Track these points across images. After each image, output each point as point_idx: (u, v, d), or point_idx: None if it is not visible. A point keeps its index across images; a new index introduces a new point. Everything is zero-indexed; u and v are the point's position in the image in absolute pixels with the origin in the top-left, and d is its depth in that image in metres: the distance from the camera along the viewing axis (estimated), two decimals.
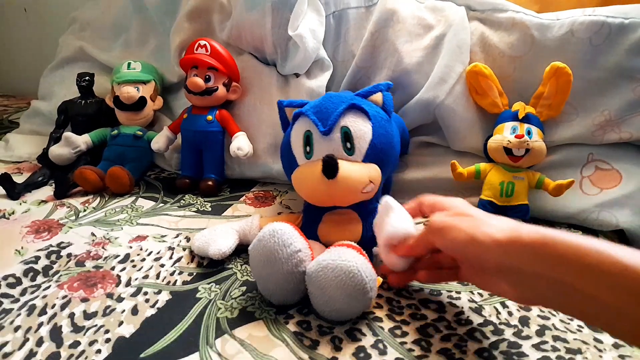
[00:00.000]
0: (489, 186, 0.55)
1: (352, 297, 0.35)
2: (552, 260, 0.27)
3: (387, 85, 0.48)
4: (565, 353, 0.35)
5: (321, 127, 0.43)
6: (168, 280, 0.44)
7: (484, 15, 0.62)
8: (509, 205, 0.53)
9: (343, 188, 0.42)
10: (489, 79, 0.57)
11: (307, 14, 0.65)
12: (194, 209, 0.61)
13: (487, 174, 0.56)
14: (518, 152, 0.53)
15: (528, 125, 0.54)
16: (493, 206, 0.54)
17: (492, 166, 0.56)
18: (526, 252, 0.28)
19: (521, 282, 0.30)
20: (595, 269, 0.25)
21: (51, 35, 0.94)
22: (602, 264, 0.25)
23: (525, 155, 0.53)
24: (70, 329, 0.37)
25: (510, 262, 0.29)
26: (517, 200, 0.53)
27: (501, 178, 0.54)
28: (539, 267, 0.28)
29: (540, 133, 0.55)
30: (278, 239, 0.37)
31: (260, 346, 0.35)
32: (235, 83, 0.68)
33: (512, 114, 0.56)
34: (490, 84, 0.57)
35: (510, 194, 0.53)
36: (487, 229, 0.31)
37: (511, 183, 0.53)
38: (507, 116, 0.56)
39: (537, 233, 0.28)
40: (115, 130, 0.71)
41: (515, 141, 0.53)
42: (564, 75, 0.53)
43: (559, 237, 0.27)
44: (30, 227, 0.54)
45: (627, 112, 0.55)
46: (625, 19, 0.54)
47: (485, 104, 0.59)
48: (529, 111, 0.55)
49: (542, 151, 0.54)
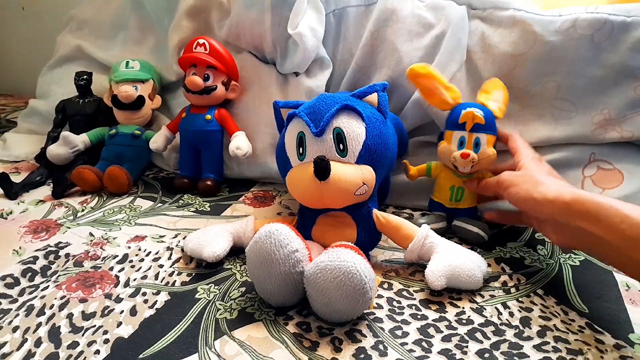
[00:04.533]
0: (439, 188, 0.55)
1: (352, 298, 0.35)
2: (583, 214, 0.36)
3: (383, 86, 0.47)
4: (566, 354, 0.35)
5: (313, 128, 0.43)
6: (167, 280, 0.44)
7: (485, 14, 0.62)
8: (457, 208, 0.54)
9: (335, 190, 0.42)
10: (428, 77, 0.54)
11: (307, 12, 0.65)
12: (192, 209, 0.60)
13: (438, 174, 0.55)
14: (464, 170, 0.52)
15: (477, 134, 0.51)
16: (442, 208, 0.55)
17: (443, 168, 0.55)
18: (565, 208, 0.37)
19: (562, 230, 0.39)
20: (615, 222, 0.33)
21: (49, 34, 0.93)
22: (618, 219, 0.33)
23: (472, 168, 0.52)
24: (68, 330, 0.37)
25: (554, 215, 0.38)
26: (466, 203, 0.54)
27: (451, 182, 0.54)
28: (572, 219, 0.36)
29: (490, 138, 0.51)
30: (274, 239, 0.37)
31: (259, 347, 0.35)
32: (234, 82, 0.68)
33: (458, 114, 0.52)
34: (432, 82, 0.54)
35: (460, 198, 0.54)
36: (542, 188, 0.40)
37: (461, 188, 0.54)
38: (455, 120, 0.52)
39: (574, 193, 0.37)
40: (114, 129, 0.70)
41: (461, 161, 0.51)
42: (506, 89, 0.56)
43: (590, 197, 0.36)
44: (28, 227, 0.53)
45: (629, 111, 0.55)
46: (627, 16, 0.53)
47: (435, 103, 0.55)
48: (477, 121, 0.51)
49: (489, 159, 0.51)
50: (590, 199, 0.36)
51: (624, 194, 0.54)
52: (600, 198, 0.35)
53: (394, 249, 0.51)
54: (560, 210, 0.37)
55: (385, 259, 0.49)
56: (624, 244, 0.33)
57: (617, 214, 0.33)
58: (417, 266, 0.47)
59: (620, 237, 0.33)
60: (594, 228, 0.35)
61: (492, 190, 0.48)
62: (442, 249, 0.43)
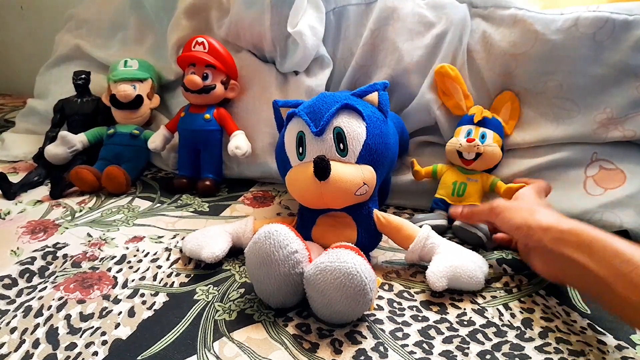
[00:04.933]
0: (443, 185, 0.56)
1: (352, 299, 0.34)
2: (576, 245, 0.35)
3: (383, 85, 0.47)
4: (568, 355, 0.35)
5: (313, 128, 0.43)
6: (165, 281, 0.44)
7: (486, 13, 0.62)
8: (460, 204, 0.54)
9: (335, 190, 0.41)
10: (454, 80, 0.58)
11: (307, 10, 0.65)
12: (191, 209, 0.60)
13: (443, 174, 0.57)
14: (468, 156, 0.54)
15: (484, 129, 0.55)
16: (445, 204, 0.55)
17: (448, 167, 0.57)
18: (559, 236, 0.36)
19: (552, 260, 0.38)
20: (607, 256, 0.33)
21: (47, 33, 0.93)
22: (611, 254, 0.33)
23: (476, 159, 0.54)
24: (66, 331, 0.36)
25: (547, 242, 0.37)
26: (468, 200, 0.54)
27: (455, 178, 0.56)
28: (565, 249, 0.36)
29: (496, 137, 0.55)
30: (274, 240, 0.36)
31: (259, 349, 0.35)
32: (233, 81, 0.68)
33: (470, 117, 0.56)
34: (455, 86, 0.58)
35: (462, 194, 0.55)
36: (538, 216, 0.39)
37: (464, 184, 0.54)
38: (466, 120, 0.57)
39: (571, 224, 0.37)
40: (112, 129, 0.70)
41: (466, 145, 0.54)
42: (516, 101, 0.58)
43: (586, 229, 0.35)
44: (26, 227, 0.53)
45: (631, 110, 0.54)
46: (629, 15, 0.53)
47: (450, 105, 0.60)
48: (486, 115, 0.55)
49: (494, 155, 0.54)
50: (585, 231, 0.35)
51: (626, 193, 0.53)
52: (596, 231, 0.35)
53: (395, 249, 0.50)
54: (553, 239, 0.37)
55: (386, 260, 0.49)
56: (614, 279, 0.32)
57: (610, 249, 0.33)
58: (418, 267, 0.47)
59: (611, 272, 0.32)
60: (585, 260, 0.34)
61: (484, 217, 0.46)
62: (443, 250, 0.43)
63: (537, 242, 0.38)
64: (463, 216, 0.49)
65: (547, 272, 0.40)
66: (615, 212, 0.53)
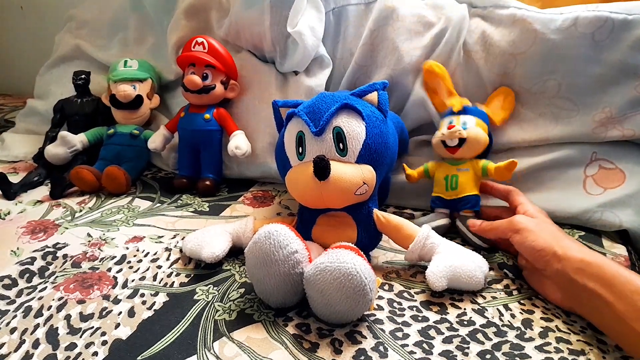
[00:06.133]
0: (436, 182, 0.56)
1: (352, 299, 0.34)
2: (598, 277, 0.36)
3: (383, 84, 0.47)
4: (568, 354, 0.35)
5: (313, 128, 0.43)
6: (165, 281, 0.44)
7: (485, 12, 0.62)
8: (456, 198, 0.53)
9: (335, 190, 0.41)
10: (439, 78, 0.58)
11: (307, 10, 0.65)
12: (191, 209, 0.60)
13: (434, 172, 0.57)
14: (451, 143, 0.53)
15: (465, 116, 0.55)
16: (442, 201, 0.54)
17: (438, 164, 0.57)
18: (582, 267, 0.37)
19: (570, 289, 0.38)
20: (628, 292, 0.34)
21: (48, 33, 0.93)
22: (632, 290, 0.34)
23: (461, 146, 0.53)
24: (66, 331, 0.36)
25: (569, 272, 0.38)
26: (464, 191, 0.53)
27: (445, 172, 0.55)
28: (587, 280, 0.36)
29: (479, 122, 0.54)
30: (274, 240, 0.36)
31: (259, 349, 0.35)
32: (233, 81, 0.68)
33: (450, 109, 0.56)
34: (440, 83, 0.58)
35: (455, 187, 0.53)
36: (564, 243, 0.40)
37: (455, 176, 0.53)
38: (448, 113, 0.57)
39: (595, 256, 0.38)
40: (112, 129, 0.70)
41: (447, 132, 0.53)
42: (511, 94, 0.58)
43: (609, 263, 0.37)
44: (26, 227, 0.53)
45: (630, 110, 0.54)
46: (628, 14, 0.53)
47: (435, 103, 0.60)
48: (465, 104, 0.56)
49: (478, 138, 0.53)
50: (609, 264, 0.36)
51: (626, 193, 0.53)
52: (619, 267, 0.36)
53: (395, 249, 0.50)
54: (576, 269, 0.37)
55: (386, 260, 0.49)
56: (631, 314, 0.33)
57: (632, 284, 0.34)
58: (418, 267, 0.47)
59: (630, 307, 0.33)
60: (605, 292, 0.35)
61: (502, 233, 0.45)
62: (443, 250, 0.43)
63: (558, 270, 0.38)
64: (481, 230, 0.48)
65: (563, 301, 0.40)
66: (615, 211, 0.53)
